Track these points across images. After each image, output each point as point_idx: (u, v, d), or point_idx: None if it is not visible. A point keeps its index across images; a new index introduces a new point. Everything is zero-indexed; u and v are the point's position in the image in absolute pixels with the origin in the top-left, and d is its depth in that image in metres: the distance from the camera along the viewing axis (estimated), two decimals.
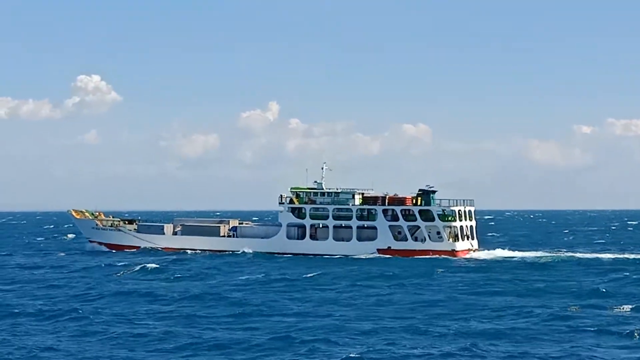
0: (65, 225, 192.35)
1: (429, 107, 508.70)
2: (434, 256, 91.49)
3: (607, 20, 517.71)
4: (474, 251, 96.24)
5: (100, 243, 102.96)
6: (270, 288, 62.02)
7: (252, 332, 42.27)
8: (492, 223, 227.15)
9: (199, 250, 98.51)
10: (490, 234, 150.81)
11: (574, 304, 51.66)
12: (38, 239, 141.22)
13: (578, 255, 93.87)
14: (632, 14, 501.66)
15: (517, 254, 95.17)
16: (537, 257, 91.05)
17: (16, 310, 49.64)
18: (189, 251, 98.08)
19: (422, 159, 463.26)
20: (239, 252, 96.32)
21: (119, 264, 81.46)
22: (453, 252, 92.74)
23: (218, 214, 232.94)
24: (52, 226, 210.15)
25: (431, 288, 62.01)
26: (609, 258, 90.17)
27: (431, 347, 38.16)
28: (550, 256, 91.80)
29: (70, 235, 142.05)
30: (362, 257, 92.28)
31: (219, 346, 38.55)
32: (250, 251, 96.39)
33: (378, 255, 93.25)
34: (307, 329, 42.76)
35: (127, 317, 47.47)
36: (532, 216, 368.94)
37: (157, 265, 77.99)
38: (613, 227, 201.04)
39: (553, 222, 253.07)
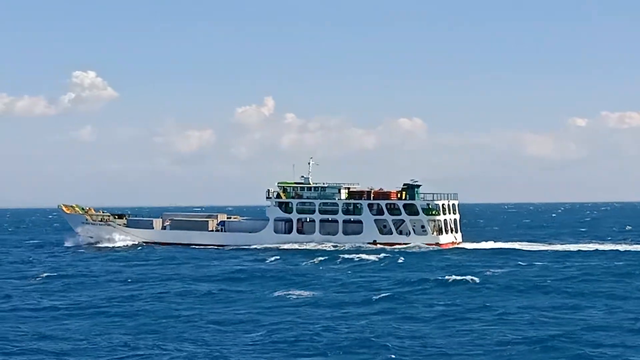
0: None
1: (423, 101, 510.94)
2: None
3: (601, 12, 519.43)
4: (457, 244, 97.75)
5: (90, 237, 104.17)
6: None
7: None
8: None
9: (188, 244, 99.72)
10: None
11: None
12: None
13: None
14: (625, 6, 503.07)
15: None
16: None
17: None
18: (178, 246, 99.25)
19: (417, 153, 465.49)
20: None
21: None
22: (437, 245, 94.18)
23: (198, 209, 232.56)
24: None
25: None
26: None
27: None
28: None
29: None
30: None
31: None
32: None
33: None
34: None
35: None
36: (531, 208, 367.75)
37: None
38: None
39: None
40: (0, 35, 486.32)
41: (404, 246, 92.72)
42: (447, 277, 59.18)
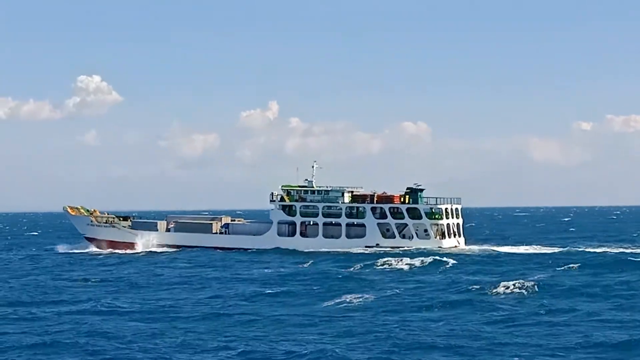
0: None
1: (428, 105, 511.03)
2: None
3: (606, 15, 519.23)
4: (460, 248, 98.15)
5: (95, 239, 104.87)
6: None
7: None
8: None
9: (192, 247, 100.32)
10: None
11: None
12: None
13: None
14: (630, 9, 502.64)
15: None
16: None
17: None
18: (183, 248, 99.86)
19: (421, 157, 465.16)
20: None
21: None
22: (440, 249, 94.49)
23: (206, 212, 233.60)
24: None
25: None
26: None
27: None
28: None
29: None
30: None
31: None
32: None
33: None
34: None
35: None
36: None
37: None
38: None
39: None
40: (5, 39, 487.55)
41: (424, 249, 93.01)
42: (496, 281, 59.25)
